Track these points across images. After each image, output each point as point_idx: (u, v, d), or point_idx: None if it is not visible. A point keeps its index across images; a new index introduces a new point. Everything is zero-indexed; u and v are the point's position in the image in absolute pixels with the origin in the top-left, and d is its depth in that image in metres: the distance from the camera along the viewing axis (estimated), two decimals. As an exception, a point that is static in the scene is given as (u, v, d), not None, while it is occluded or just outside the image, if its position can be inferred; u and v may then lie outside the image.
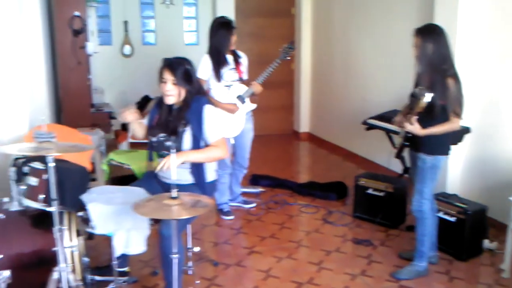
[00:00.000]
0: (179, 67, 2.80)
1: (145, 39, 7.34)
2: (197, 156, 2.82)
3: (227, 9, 6.86)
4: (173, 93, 2.82)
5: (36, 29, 4.39)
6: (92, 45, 5.30)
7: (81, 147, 2.36)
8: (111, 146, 5.78)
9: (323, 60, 7.14)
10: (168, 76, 2.80)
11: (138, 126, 3.07)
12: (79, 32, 4.88)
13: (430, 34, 3.02)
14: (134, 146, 5.64)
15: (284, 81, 7.66)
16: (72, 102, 5.05)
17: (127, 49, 7.18)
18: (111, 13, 7.08)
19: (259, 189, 5.02)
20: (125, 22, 7.10)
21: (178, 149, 2.76)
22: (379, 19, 5.65)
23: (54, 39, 5.52)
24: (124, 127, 5.96)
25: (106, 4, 7.00)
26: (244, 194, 4.79)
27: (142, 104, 6.28)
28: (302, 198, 4.93)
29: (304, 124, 7.77)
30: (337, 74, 6.74)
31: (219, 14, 6.91)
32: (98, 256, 3.45)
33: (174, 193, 2.28)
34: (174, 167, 2.45)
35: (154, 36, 7.37)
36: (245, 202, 4.67)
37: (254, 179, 5.27)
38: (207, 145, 2.89)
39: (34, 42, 4.34)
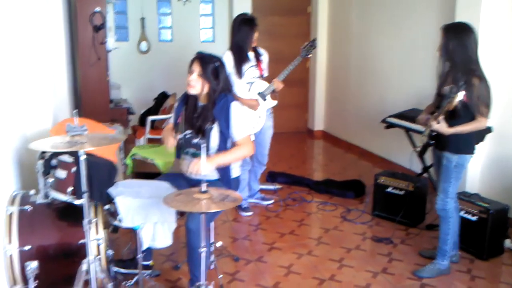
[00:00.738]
0: (209, 62, 2.82)
1: (162, 36, 7.37)
2: (225, 159, 2.84)
3: (244, 7, 6.87)
4: (195, 84, 2.84)
5: (58, 25, 4.43)
6: (111, 41, 5.33)
7: (113, 138, 2.38)
8: (129, 141, 5.81)
9: (339, 58, 7.13)
10: (196, 67, 2.83)
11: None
12: (100, 28, 4.91)
13: (456, 32, 3.00)
14: (152, 141, 5.67)
15: (299, 79, 7.65)
16: (92, 98, 5.09)
17: (143, 45, 7.22)
18: (128, 10, 7.13)
19: (276, 186, 5.03)
20: (142, 19, 7.13)
21: (206, 147, 2.78)
22: (398, 18, 5.63)
23: (73, 35, 5.57)
24: (142, 122, 5.98)
25: (123, 0, 7.04)
26: (262, 191, 4.80)
27: (160, 100, 6.30)
28: (319, 195, 4.94)
29: (318, 122, 7.77)
30: (353, 72, 6.73)
31: (236, 11, 6.93)
32: (118, 249, 3.48)
33: (203, 187, 2.30)
34: (204, 168, 2.49)
35: (171, 33, 7.39)
36: (263, 199, 4.68)
37: (271, 176, 5.28)
38: (232, 143, 2.90)
39: (56, 38, 4.38)
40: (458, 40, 2.99)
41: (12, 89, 3.33)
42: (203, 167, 2.54)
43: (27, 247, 2.62)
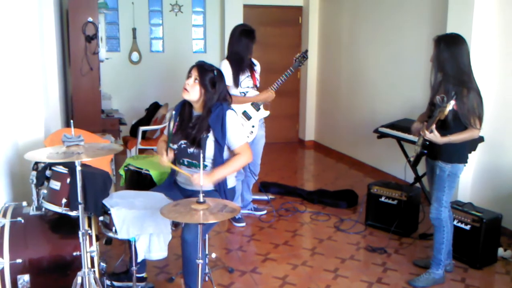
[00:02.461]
0: (208, 70, 2.83)
1: (153, 47, 7.37)
2: (225, 171, 2.83)
3: (236, 18, 6.91)
4: (190, 90, 2.83)
5: (50, 35, 4.41)
6: (103, 51, 5.31)
7: (110, 148, 2.36)
8: (121, 152, 5.76)
9: (330, 69, 7.18)
10: (194, 73, 2.84)
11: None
12: (92, 38, 4.89)
13: (448, 44, 3.03)
14: (143, 152, 5.65)
15: (290, 90, 7.70)
16: (83, 108, 5.06)
17: (135, 56, 7.21)
18: (120, 20, 7.12)
19: (269, 196, 5.02)
20: (134, 29, 7.13)
21: (202, 156, 2.78)
22: (388, 28, 5.70)
23: (65, 45, 5.55)
24: (133, 133, 5.96)
25: (115, 11, 7.03)
26: (254, 201, 4.79)
27: (151, 111, 6.28)
28: (312, 205, 4.94)
29: (309, 133, 7.80)
30: (344, 83, 6.78)
31: (227, 22, 7.00)
32: (110, 262, 3.43)
33: (200, 197, 2.29)
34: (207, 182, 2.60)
35: (162, 44, 7.39)
36: (256, 209, 4.67)
37: (263, 187, 5.27)
38: (230, 151, 2.90)
39: (48, 48, 4.36)
40: (450, 51, 3.02)
41: (4, 99, 3.30)
42: (206, 181, 2.65)
43: (18, 260, 2.58)
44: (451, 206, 3.46)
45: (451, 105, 2.83)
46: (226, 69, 4.06)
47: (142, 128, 5.67)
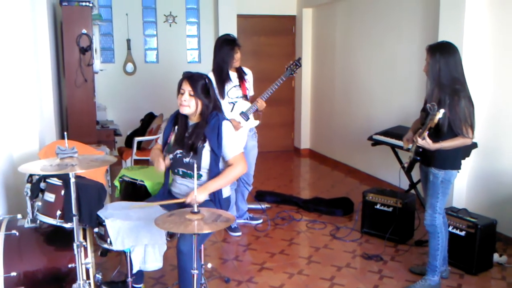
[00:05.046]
0: (198, 80, 2.84)
1: (148, 57, 7.39)
2: (219, 183, 2.83)
3: (229, 28, 6.94)
4: (189, 104, 2.84)
5: (45, 47, 4.42)
6: (98, 63, 5.32)
7: (103, 160, 2.37)
8: (116, 163, 5.76)
9: (324, 77, 7.22)
10: (186, 87, 2.83)
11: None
12: (86, 50, 4.91)
13: (441, 52, 3.05)
14: (139, 162, 5.64)
15: (285, 99, 7.74)
16: (78, 119, 5.05)
17: (129, 67, 7.23)
18: (114, 31, 7.14)
19: (265, 205, 5.02)
20: (128, 41, 7.15)
21: (198, 166, 2.78)
22: (381, 36, 5.74)
23: (59, 57, 5.56)
24: (128, 144, 5.96)
25: (109, 22, 7.06)
26: (250, 210, 4.79)
27: (147, 121, 6.29)
28: (308, 214, 4.94)
29: (304, 141, 7.82)
30: (338, 91, 6.81)
31: (222, 32, 7.00)
32: (106, 273, 3.42)
33: (195, 207, 2.29)
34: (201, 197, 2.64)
35: (156, 54, 7.42)
36: (252, 219, 4.67)
37: (259, 195, 5.28)
38: (225, 162, 2.91)
39: (42, 59, 4.37)
40: (444, 61, 3.02)
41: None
42: (202, 196, 2.70)
43: (13, 273, 2.57)
44: (446, 213, 3.47)
45: (441, 113, 2.85)
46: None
47: (137, 139, 5.67)
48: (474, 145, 4.10)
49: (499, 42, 4.06)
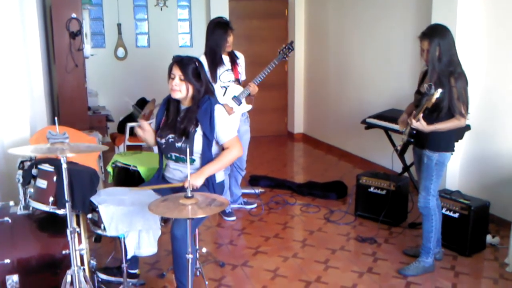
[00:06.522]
0: (188, 64, 2.80)
1: (139, 42, 7.31)
2: (215, 167, 2.82)
3: (221, 11, 6.85)
4: (180, 88, 2.81)
5: (34, 33, 4.35)
6: (88, 48, 5.26)
7: (95, 147, 2.34)
8: (109, 149, 5.73)
9: (317, 61, 7.18)
10: (177, 72, 2.80)
11: (149, 135, 3.03)
12: (76, 35, 4.84)
13: (437, 35, 3.01)
14: (132, 148, 5.61)
15: (278, 83, 7.69)
16: (70, 105, 5.01)
17: (120, 52, 7.15)
18: (104, 16, 7.05)
19: (259, 190, 5.02)
20: (119, 25, 7.06)
21: (190, 151, 2.77)
22: (374, 19, 5.70)
23: (49, 42, 5.48)
24: (121, 129, 5.91)
25: (99, 6, 6.96)
26: (244, 195, 4.79)
27: (139, 107, 6.24)
28: (302, 198, 4.95)
29: (298, 125, 7.81)
30: (331, 75, 6.78)
31: (213, 16, 6.92)
32: (101, 258, 3.41)
33: (188, 192, 2.28)
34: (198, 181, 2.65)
35: (148, 39, 7.34)
36: (246, 203, 4.67)
37: (253, 180, 5.27)
38: (218, 145, 2.89)
39: (32, 45, 4.30)
40: (441, 43, 2.97)
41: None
42: (198, 181, 2.72)
43: (6, 261, 2.56)
44: (439, 195, 3.49)
45: (438, 92, 2.85)
46: (203, 64, 4.03)
47: (129, 125, 5.63)
48: (467, 127, 4.10)
49: (492, 24, 4.05)
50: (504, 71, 4.00)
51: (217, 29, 4.10)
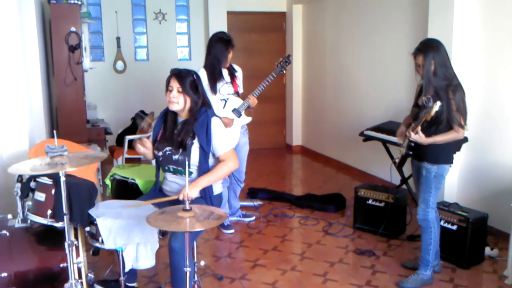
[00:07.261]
0: (186, 76, 2.82)
1: (138, 55, 7.34)
2: (210, 179, 2.82)
3: (220, 25, 6.91)
4: (178, 100, 2.83)
5: (33, 46, 4.38)
6: (87, 61, 5.28)
7: (94, 157, 2.34)
8: (107, 162, 5.74)
9: (315, 74, 7.22)
10: (174, 84, 2.82)
11: (150, 152, 3.03)
12: (75, 48, 4.87)
13: (431, 50, 3.03)
14: (130, 161, 5.61)
15: (276, 96, 7.73)
16: (68, 118, 5.02)
17: (119, 65, 7.18)
18: (103, 29, 7.09)
19: (257, 202, 5.01)
20: (118, 38, 7.10)
21: (188, 162, 2.77)
22: (371, 33, 5.75)
23: (48, 55, 5.51)
24: (119, 142, 5.92)
25: (98, 20, 7.01)
26: (242, 207, 4.78)
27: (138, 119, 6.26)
28: (301, 210, 4.95)
29: (296, 138, 7.83)
30: (329, 87, 6.82)
31: (212, 29, 6.99)
32: (99, 271, 3.40)
33: (187, 205, 2.28)
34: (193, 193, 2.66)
35: (147, 52, 7.38)
36: (245, 216, 4.66)
37: (251, 193, 5.27)
38: (215, 158, 2.89)
39: (31, 58, 4.33)
40: (436, 57, 3.00)
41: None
42: (193, 193, 2.71)
43: (4, 274, 2.55)
44: (437, 207, 3.49)
45: (437, 106, 2.86)
46: (203, 77, 4.05)
47: (128, 137, 5.63)
48: (465, 139, 4.12)
49: (489, 37, 4.08)
50: (500, 83, 4.02)
51: (219, 44, 4.13)
